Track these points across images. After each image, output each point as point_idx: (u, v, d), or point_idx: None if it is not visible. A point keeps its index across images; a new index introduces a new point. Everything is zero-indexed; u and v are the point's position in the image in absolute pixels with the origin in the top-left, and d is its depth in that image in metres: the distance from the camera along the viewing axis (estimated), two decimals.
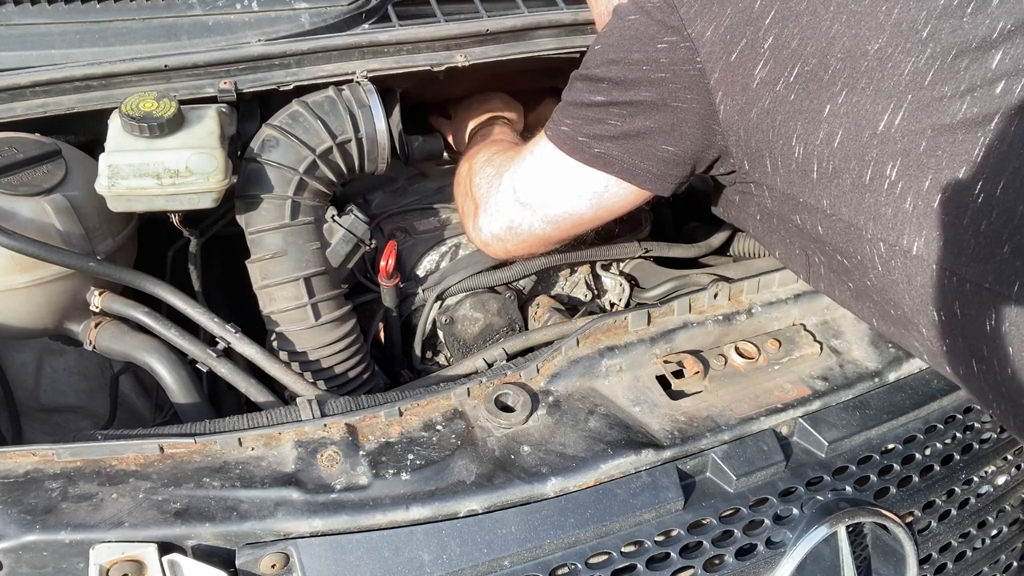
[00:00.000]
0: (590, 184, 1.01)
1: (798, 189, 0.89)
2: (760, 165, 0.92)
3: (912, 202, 0.80)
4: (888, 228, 0.83)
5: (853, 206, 0.85)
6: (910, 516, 1.06)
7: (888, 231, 0.83)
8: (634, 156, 0.97)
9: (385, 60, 1.26)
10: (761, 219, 1.03)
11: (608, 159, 0.98)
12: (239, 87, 1.17)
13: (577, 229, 1.09)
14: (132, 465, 0.86)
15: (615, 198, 1.02)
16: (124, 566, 0.78)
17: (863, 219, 0.84)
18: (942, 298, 0.82)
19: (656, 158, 0.96)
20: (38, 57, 1.19)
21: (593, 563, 0.88)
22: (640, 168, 0.97)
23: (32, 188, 1.04)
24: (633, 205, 1.04)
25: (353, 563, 0.82)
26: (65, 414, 1.43)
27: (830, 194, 0.86)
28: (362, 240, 1.21)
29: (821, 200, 0.87)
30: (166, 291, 1.09)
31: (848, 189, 0.84)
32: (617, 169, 0.98)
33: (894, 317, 0.92)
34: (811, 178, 0.87)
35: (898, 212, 0.81)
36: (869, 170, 0.82)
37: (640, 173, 0.98)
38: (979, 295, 0.78)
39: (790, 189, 0.90)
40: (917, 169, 0.79)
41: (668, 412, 0.98)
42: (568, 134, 1.00)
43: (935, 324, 0.85)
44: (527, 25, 1.35)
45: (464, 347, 1.27)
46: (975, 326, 0.81)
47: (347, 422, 0.93)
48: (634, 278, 1.45)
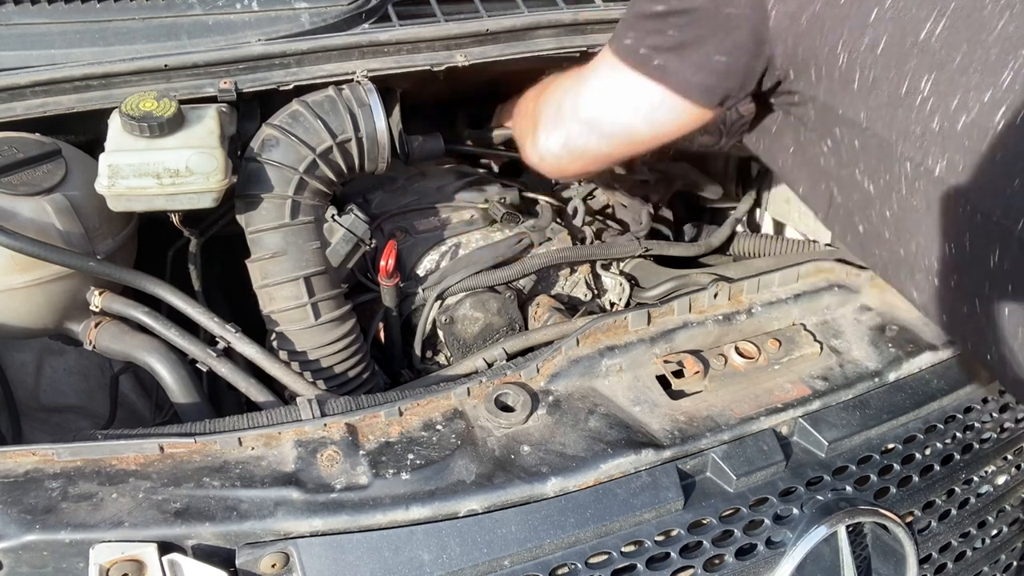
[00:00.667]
0: (647, 97, 1.02)
1: (839, 100, 0.91)
2: (805, 75, 0.94)
3: (939, 121, 0.82)
4: (915, 147, 0.85)
5: (887, 121, 0.87)
6: (910, 516, 1.06)
7: (915, 150, 0.85)
8: (689, 68, 0.98)
9: (385, 60, 1.26)
10: (794, 150, 1.06)
11: (666, 71, 0.99)
12: (239, 87, 1.17)
13: (631, 148, 1.12)
14: (132, 465, 0.86)
15: (669, 114, 1.03)
16: (124, 566, 0.78)
17: (895, 135, 0.86)
18: (955, 228, 0.84)
19: (709, 69, 0.97)
20: (38, 57, 1.19)
21: (593, 563, 0.88)
22: (694, 81, 0.99)
23: (32, 188, 1.04)
24: (686, 126, 1.05)
25: (353, 563, 0.82)
26: (65, 414, 1.43)
27: (867, 106, 0.88)
28: (362, 240, 1.22)
29: (859, 112, 0.90)
30: (166, 291, 1.09)
31: (884, 102, 0.86)
32: (673, 82, 1.00)
33: (902, 257, 0.94)
34: (852, 88, 0.89)
35: (926, 131, 0.83)
36: (906, 82, 0.84)
37: (693, 86, 0.99)
38: (987, 227, 0.80)
39: (831, 100, 0.92)
40: (948, 85, 0.80)
41: (668, 412, 0.98)
42: (630, 47, 1.01)
43: (944, 258, 0.87)
44: (527, 25, 1.35)
45: (464, 347, 1.27)
46: (980, 262, 0.83)
47: (347, 422, 0.93)
48: (634, 278, 1.45)
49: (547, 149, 1.15)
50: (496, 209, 1.37)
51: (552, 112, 1.14)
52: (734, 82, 0.99)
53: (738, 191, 1.81)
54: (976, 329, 0.88)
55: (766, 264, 1.41)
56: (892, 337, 1.11)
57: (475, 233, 1.37)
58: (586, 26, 1.38)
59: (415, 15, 1.38)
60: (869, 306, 1.16)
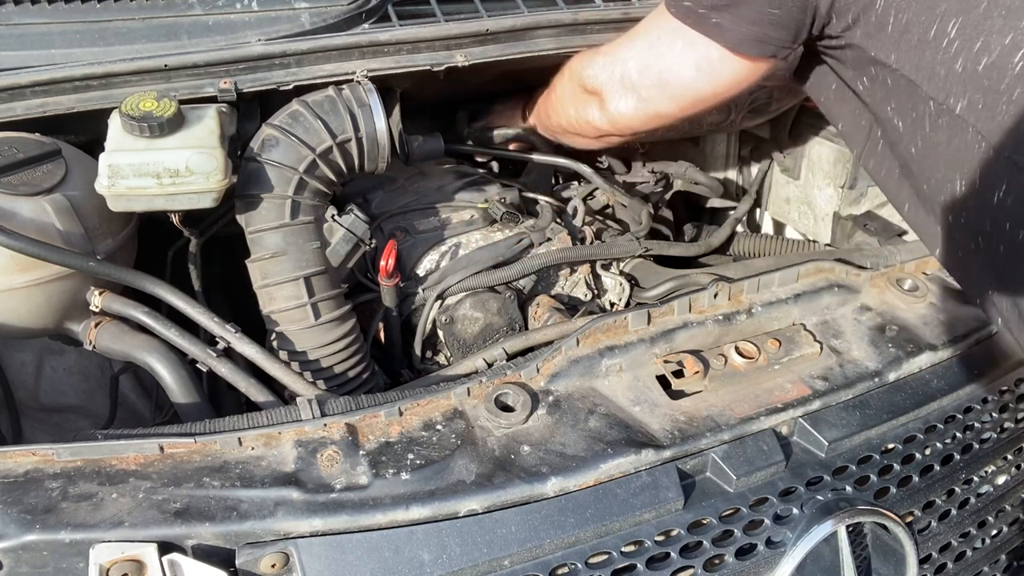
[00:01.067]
0: (707, 56, 1.10)
1: (873, 42, 0.99)
2: (843, 19, 1.01)
3: (962, 63, 0.89)
4: (939, 87, 0.92)
5: (915, 62, 0.94)
6: (910, 516, 1.06)
7: (939, 90, 0.92)
8: (743, 23, 1.05)
9: (385, 60, 1.26)
10: (836, 88, 1.14)
11: (722, 28, 1.06)
12: (239, 87, 1.17)
13: (697, 107, 1.19)
14: (132, 465, 0.86)
15: (729, 71, 1.11)
16: (124, 566, 0.78)
17: (921, 76, 0.94)
18: (969, 165, 0.91)
19: (763, 22, 1.04)
20: (38, 57, 1.19)
21: (593, 563, 0.88)
22: (748, 35, 1.05)
23: (32, 188, 1.04)
24: (745, 81, 1.13)
25: (353, 563, 0.82)
26: (65, 414, 1.43)
27: (898, 49, 0.96)
28: (362, 240, 1.22)
29: (890, 55, 0.97)
30: (166, 291, 1.09)
31: (914, 44, 0.94)
32: (730, 38, 1.07)
33: (925, 193, 1.02)
34: (886, 31, 0.96)
35: (949, 72, 0.90)
36: (935, 25, 0.91)
37: (749, 40, 1.06)
38: (998, 163, 0.87)
39: (866, 43, 1.00)
40: (973, 30, 0.88)
41: (668, 412, 0.98)
42: (690, 8, 1.08)
43: (956, 194, 0.95)
44: (527, 25, 1.35)
45: (464, 347, 1.27)
46: (986, 197, 0.90)
47: (347, 422, 0.93)
48: (634, 278, 1.45)
49: (619, 112, 1.24)
50: (496, 208, 1.36)
51: (617, 79, 1.22)
52: (786, 33, 1.05)
53: (738, 191, 1.81)
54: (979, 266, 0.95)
55: (766, 264, 1.41)
56: (892, 337, 1.11)
57: (475, 233, 1.37)
58: (586, 26, 1.38)
59: (415, 15, 1.38)
60: (869, 306, 1.16)
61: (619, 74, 1.21)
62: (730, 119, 1.58)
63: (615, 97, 1.23)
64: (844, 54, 1.06)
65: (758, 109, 1.56)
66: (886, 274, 1.20)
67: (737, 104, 1.55)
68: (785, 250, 1.59)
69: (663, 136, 1.68)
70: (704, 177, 1.73)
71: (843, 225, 1.52)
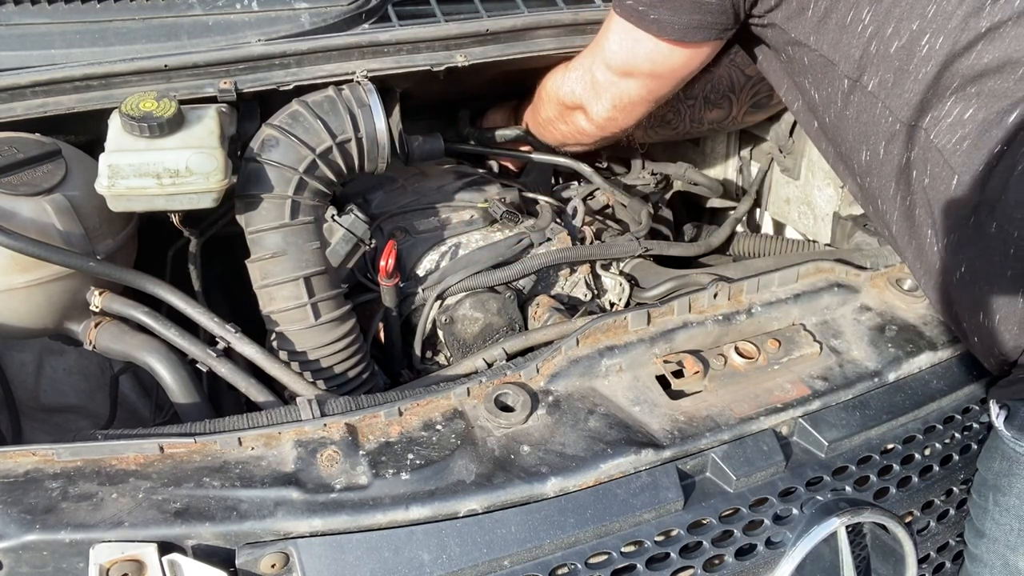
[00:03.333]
0: (656, 49, 1.18)
1: (793, 24, 1.08)
2: (766, 2, 1.09)
3: (876, 45, 1.00)
4: (854, 67, 1.03)
5: (832, 44, 1.04)
6: (909, 516, 1.06)
7: (854, 69, 1.03)
8: (681, 14, 1.12)
9: (385, 60, 1.26)
10: (763, 58, 1.24)
11: (662, 24, 1.14)
12: (239, 87, 1.17)
13: (664, 88, 1.28)
14: (132, 465, 0.86)
15: (680, 59, 1.20)
16: (124, 566, 0.78)
17: (838, 56, 1.04)
18: (876, 135, 1.03)
19: (700, 10, 1.11)
20: (38, 57, 1.19)
21: (593, 563, 0.88)
22: (690, 24, 1.13)
23: (32, 188, 1.04)
24: (699, 61, 1.22)
25: (353, 563, 0.82)
26: (65, 414, 1.43)
27: (817, 32, 1.05)
28: (362, 240, 1.22)
29: (809, 36, 1.07)
30: (166, 291, 1.09)
31: (832, 29, 1.04)
32: (671, 31, 1.14)
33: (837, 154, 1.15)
34: (806, 15, 1.06)
35: (864, 53, 1.01)
36: (852, 12, 1.01)
37: (690, 30, 1.13)
38: (902, 132, 0.99)
39: (787, 24, 1.09)
40: (884, 16, 0.98)
41: (668, 412, 0.98)
42: (631, 6, 1.16)
43: (862, 162, 1.08)
44: (527, 25, 1.35)
45: (464, 347, 1.27)
46: (889, 164, 1.03)
47: (347, 422, 0.93)
48: (634, 278, 1.45)
49: (601, 115, 1.34)
50: (496, 208, 1.36)
51: (589, 87, 1.31)
52: (724, 16, 1.12)
53: (738, 191, 1.81)
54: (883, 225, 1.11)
55: (766, 264, 1.41)
56: (892, 337, 1.12)
57: (475, 233, 1.37)
58: (586, 26, 1.38)
59: (415, 15, 1.38)
60: (869, 306, 1.16)
61: (590, 82, 1.31)
62: (731, 115, 1.58)
63: (594, 104, 1.32)
64: (766, 32, 1.15)
65: (759, 104, 1.57)
66: (886, 274, 1.20)
67: (739, 99, 1.55)
68: (785, 250, 1.59)
69: (666, 137, 1.69)
70: (704, 177, 1.73)
71: (843, 225, 1.52)
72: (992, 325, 0.96)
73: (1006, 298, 0.94)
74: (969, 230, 0.96)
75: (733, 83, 1.53)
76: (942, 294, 1.04)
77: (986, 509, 1.03)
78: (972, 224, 0.95)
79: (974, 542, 1.06)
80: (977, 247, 0.96)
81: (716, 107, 1.57)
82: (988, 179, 0.93)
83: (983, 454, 1.06)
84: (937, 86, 0.96)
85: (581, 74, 1.33)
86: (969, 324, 1.01)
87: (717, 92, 1.55)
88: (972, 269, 0.97)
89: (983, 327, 0.98)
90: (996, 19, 0.92)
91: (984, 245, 0.95)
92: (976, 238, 0.95)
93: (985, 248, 0.95)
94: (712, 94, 1.56)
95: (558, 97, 1.39)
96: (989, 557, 1.03)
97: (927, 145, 0.97)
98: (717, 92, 1.55)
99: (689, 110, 1.59)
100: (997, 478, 1.01)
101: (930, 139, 0.97)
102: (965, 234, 0.97)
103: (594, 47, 1.29)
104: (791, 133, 1.63)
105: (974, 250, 0.96)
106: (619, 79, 1.26)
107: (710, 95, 1.56)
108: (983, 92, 0.93)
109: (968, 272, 0.98)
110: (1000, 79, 0.91)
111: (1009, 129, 0.91)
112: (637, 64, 1.22)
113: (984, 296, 0.96)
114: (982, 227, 0.94)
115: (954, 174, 0.95)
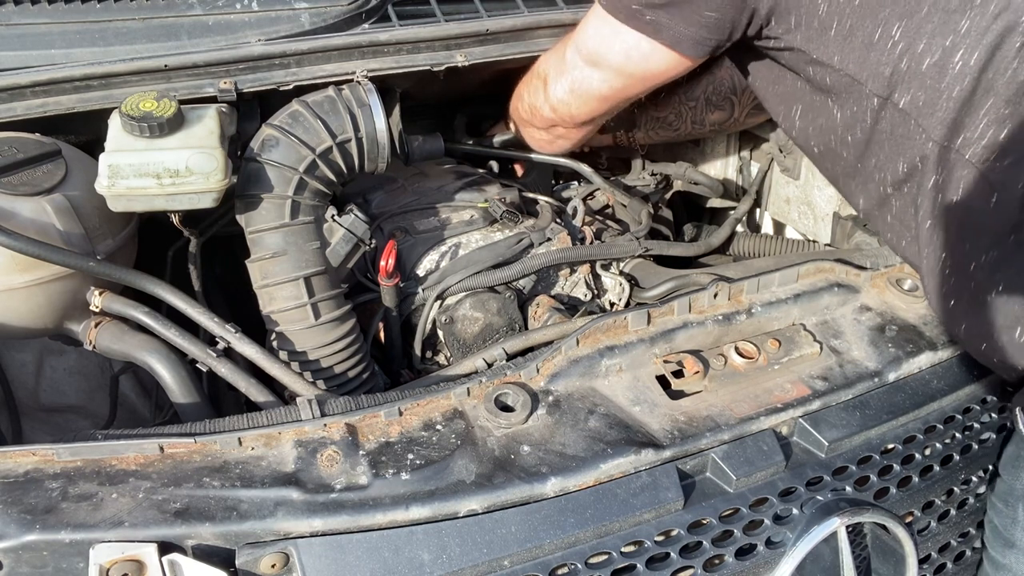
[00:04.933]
0: (638, 48, 1.15)
1: (815, 45, 1.05)
2: (784, 22, 1.06)
3: (907, 63, 0.97)
4: (883, 85, 1.00)
5: (859, 63, 1.01)
6: (910, 516, 1.06)
7: (883, 87, 1.00)
8: (679, 23, 1.09)
9: (385, 60, 1.26)
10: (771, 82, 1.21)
11: (658, 26, 1.11)
12: (239, 87, 1.17)
13: (627, 90, 1.25)
14: (132, 465, 0.86)
15: (659, 64, 1.17)
16: (124, 566, 0.78)
17: (866, 75, 1.01)
18: (910, 151, 1.01)
19: (700, 24, 1.08)
20: (38, 57, 1.19)
21: (593, 563, 0.88)
22: (684, 34, 1.10)
23: (32, 188, 1.04)
24: (675, 72, 1.19)
25: (353, 563, 0.82)
26: (65, 414, 1.44)
27: (842, 51, 1.02)
28: (362, 240, 1.22)
29: (833, 56, 1.03)
30: (166, 291, 1.09)
31: (858, 47, 1.00)
32: (664, 36, 1.11)
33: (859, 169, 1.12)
34: (829, 35, 1.02)
35: (894, 71, 0.98)
36: (880, 29, 0.98)
37: (684, 40, 1.11)
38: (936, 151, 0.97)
39: (807, 46, 1.05)
40: (915, 33, 0.95)
41: (668, 412, 0.98)
42: (623, 3, 1.12)
43: (896, 173, 1.05)
44: (527, 25, 1.36)
45: (464, 347, 1.27)
46: (922, 180, 1.00)
47: (347, 422, 0.93)
48: (634, 278, 1.45)
49: (556, 96, 1.31)
50: (496, 207, 1.36)
51: (556, 65, 1.30)
52: (721, 34, 1.10)
53: (738, 191, 1.81)
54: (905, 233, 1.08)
55: (766, 264, 1.41)
56: (892, 337, 1.12)
57: (475, 233, 1.37)
58: None
59: (415, 15, 1.38)
60: (869, 306, 1.16)
61: (559, 59, 1.29)
62: (733, 117, 1.58)
63: (553, 81, 1.31)
64: (781, 55, 1.12)
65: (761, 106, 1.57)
66: (886, 274, 1.20)
67: (741, 101, 1.55)
68: (785, 250, 1.59)
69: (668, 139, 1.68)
70: (704, 177, 1.73)
71: (843, 225, 1.52)
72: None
73: None
74: (1010, 247, 0.94)
75: (735, 86, 1.53)
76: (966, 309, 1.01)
77: (1016, 519, 1.01)
78: (1012, 242, 0.94)
79: (1002, 552, 1.05)
80: (1016, 265, 0.94)
81: (718, 109, 1.56)
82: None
83: (1007, 462, 1.04)
84: (971, 104, 0.93)
85: (556, 49, 1.32)
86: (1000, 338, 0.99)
87: (719, 94, 1.55)
88: (1011, 286, 0.96)
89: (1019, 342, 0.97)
90: None
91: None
92: (1017, 255, 0.94)
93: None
94: (714, 96, 1.55)
95: (536, 66, 1.37)
96: (1019, 567, 1.02)
97: (962, 163, 0.95)
98: (719, 94, 1.55)
99: (691, 112, 1.59)
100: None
101: (965, 158, 0.94)
102: (1006, 251, 0.95)
103: (578, 28, 1.27)
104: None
105: (1014, 268, 0.95)
106: (584, 65, 1.24)
107: (712, 97, 1.56)
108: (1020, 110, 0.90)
109: (1007, 289, 0.96)
110: None
111: None
112: (608, 56, 1.20)
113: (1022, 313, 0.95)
114: (1022, 245, 0.93)
115: (993, 192, 0.93)
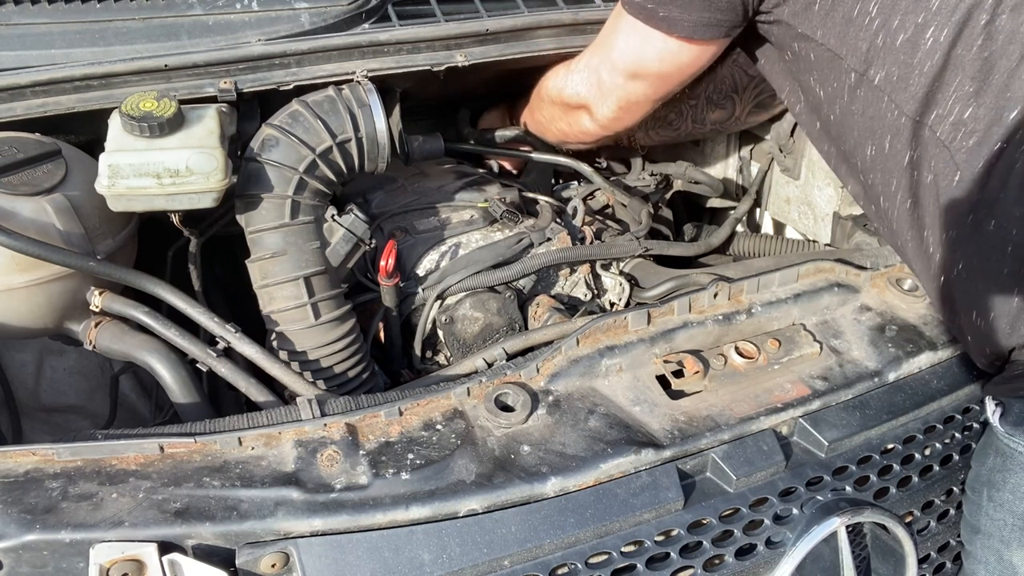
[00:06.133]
0: (664, 47, 1.18)
1: (800, 19, 1.08)
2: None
3: (883, 38, 0.99)
4: (860, 60, 1.02)
5: (839, 38, 1.04)
6: (909, 516, 1.06)
7: (860, 63, 1.02)
8: (691, 11, 1.12)
9: (385, 60, 1.26)
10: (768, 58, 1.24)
11: (672, 21, 1.14)
12: (239, 87, 1.17)
13: (670, 88, 1.28)
14: (132, 465, 0.87)
15: (688, 57, 1.20)
16: (124, 565, 0.78)
17: (845, 50, 1.04)
18: (882, 130, 1.03)
19: (710, 7, 1.11)
20: (38, 57, 1.19)
21: (593, 563, 0.88)
22: (699, 22, 1.13)
23: (32, 188, 1.04)
24: (707, 57, 1.21)
25: (353, 563, 0.82)
26: (65, 414, 1.44)
27: (824, 26, 1.05)
28: (362, 239, 1.21)
29: (816, 31, 1.06)
30: (166, 291, 1.09)
31: (839, 23, 1.03)
32: (681, 29, 1.14)
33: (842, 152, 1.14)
34: (813, 9, 1.05)
35: (871, 47, 1.01)
36: (859, 5, 1.01)
37: (699, 27, 1.13)
38: (908, 128, 0.99)
39: (794, 20, 1.08)
40: (891, 9, 0.98)
41: (668, 412, 0.98)
42: (639, 4, 1.16)
43: (867, 157, 1.07)
44: (527, 25, 1.36)
45: (464, 347, 1.27)
46: (895, 161, 1.02)
47: (347, 422, 0.93)
48: (634, 278, 1.45)
49: (606, 117, 1.34)
50: (496, 207, 1.37)
51: (595, 88, 1.31)
52: (733, 14, 1.12)
53: (738, 191, 1.81)
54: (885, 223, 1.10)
55: (766, 264, 1.41)
56: (892, 337, 1.12)
57: (475, 233, 1.37)
58: (586, 26, 1.38)
59: (415, 15, 1.38)
60: (869, 306, 1.16)
61: (595, 83, 1.30)
62: (734, 116, 1.58)
63: (599, 105, 1.32)
64: (771, 28, 1.15)
65: (762, 104, 1.57)
66: (886, 274, 1.20)
67: (742, 99, 1.55)
68: (785, 250, 1.59)
69: (668, 138, 1.69)
70: (704, 177, 1.73)
71: (843, 225, 1.52)
72: (987, 322, 0.96)
73: (1002, 296, 0.94)
74: (968, 228, 0.96)
75: (736, 83, 1.53)
76: (941, 292, 1.04)
77: (980, 505, 1.03)
78: (971, 222, 0.95)
79: (969, 538, 1.06)
80: (975, 245, 0.96)
81: (719, 108, 1.57)
82: (988, 177, 0.92)
83: (978, 450, 1.06)
84: (942, 80, 0.95)
85: (587, 75, 1.32)
86: (964, 321, 1.01)
87: (720, 93, 1.55)
88: (970, 267, 0.97)
89: (976, 325, 0.98)
90: (995, 11, 0.91)
91: (982, 243, 0.95)
92: (974, 236, 0.95)
93: (983, 246, 0.95)
94: (715, 95, 1.56)
95: (561, 98, 1.38)
96: (984, 553, 1.03)
97: (933, 141, 0.97)
98: (720, 93, 1.55)
99: (692, 111, 1.59)
100: (991, 474, 1.01)
101: (936, 135, 0.96)
102: (964, 231, 0.96)
103: (599, 47, 1.28)
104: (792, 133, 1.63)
105: (972, 247, 0.96)
106: (626, 81, 1.26)
107: (713, 96, 1.56)
108: (986, 88, 0.92)
109: (966, 270, 0.98)
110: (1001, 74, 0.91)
111: (1009, 126, 0.91)
112: (646, 65, 1.22)
113: (980, 294, 0.96)
114: (980, 225, 0.94)
115: (957, 170, 0.95)
